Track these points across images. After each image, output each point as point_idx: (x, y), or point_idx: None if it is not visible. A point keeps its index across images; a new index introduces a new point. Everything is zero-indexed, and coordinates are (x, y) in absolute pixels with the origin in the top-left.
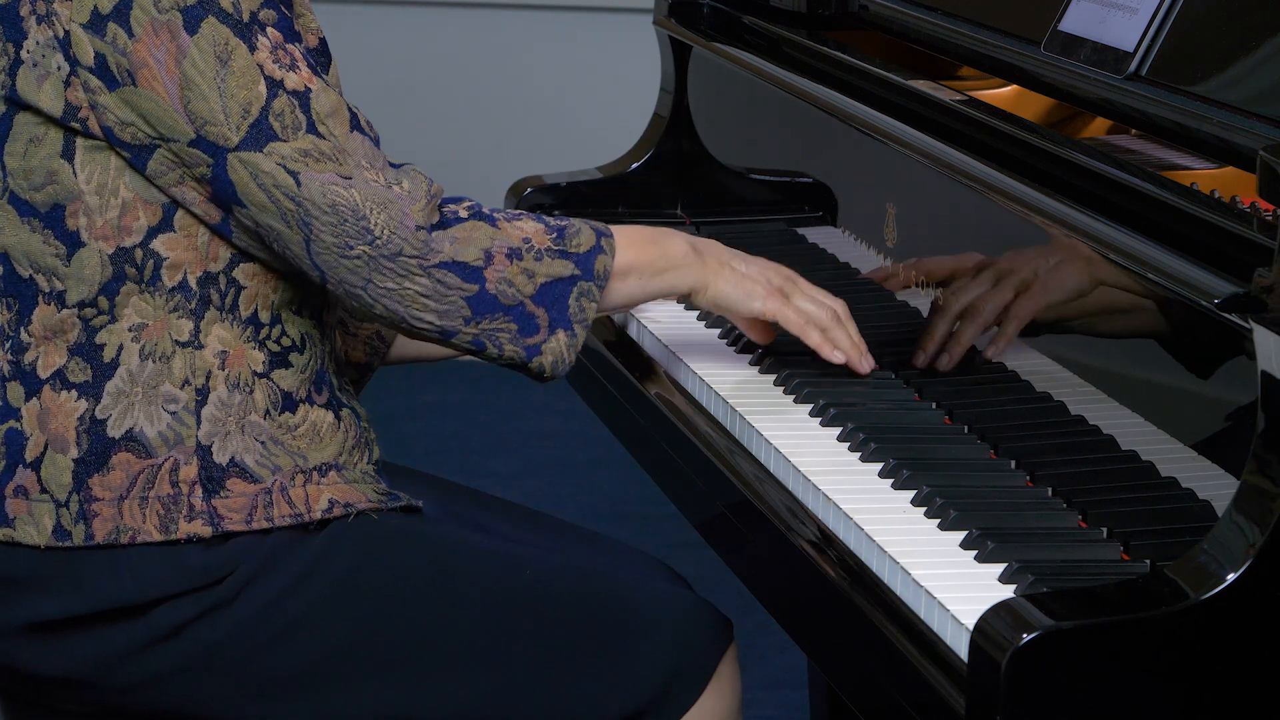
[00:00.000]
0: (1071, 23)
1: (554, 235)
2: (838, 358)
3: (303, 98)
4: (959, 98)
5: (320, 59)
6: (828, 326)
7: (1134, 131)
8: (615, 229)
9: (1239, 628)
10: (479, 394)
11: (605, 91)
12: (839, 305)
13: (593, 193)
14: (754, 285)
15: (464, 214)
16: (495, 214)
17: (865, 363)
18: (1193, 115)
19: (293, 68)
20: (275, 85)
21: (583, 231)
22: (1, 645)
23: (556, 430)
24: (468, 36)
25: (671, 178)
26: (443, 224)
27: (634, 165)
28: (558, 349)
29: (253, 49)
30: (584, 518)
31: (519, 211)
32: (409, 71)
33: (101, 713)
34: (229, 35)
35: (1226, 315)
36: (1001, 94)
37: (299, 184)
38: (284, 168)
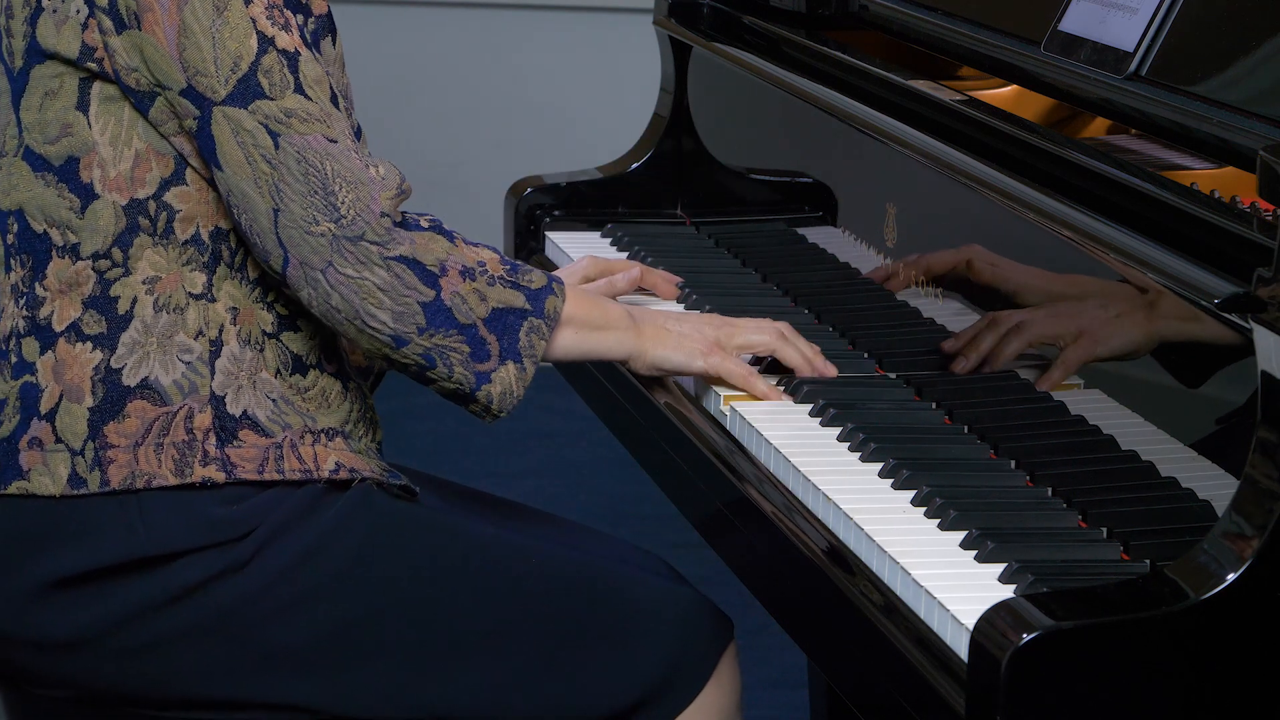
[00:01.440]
0: (1071, 23)
1: (508, 267)
2: (775, 394)
3: (292, 58)
4: (959, 98)
5: (329, 26)
6: (776, 348)
7: (1134, 131)
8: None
9: (1239, 628)
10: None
11: (605, 91)
12: (782, 326)
13: (593, 193)
14: (692, 344)
15: (424, 224)
16: (454, 234)
17: (826, 371)
18: (1193, 115)
19: (285, 29)
20: (266, 41)
21: (534, 272)
22: (12, 608)
23: (556, 430)
24: (468, 36)
25: (671, 178)
26: (404, 225)
27: (634, 165)
28: (507, 380)
29: (248, 2)
30: (584, 518)
31: (478, 242)
32: (409, 71)
33: (101, 695)
34: None
35: (1226, 315)
36: (1001, 94)
37: (277, 145)
38: (265, 127)
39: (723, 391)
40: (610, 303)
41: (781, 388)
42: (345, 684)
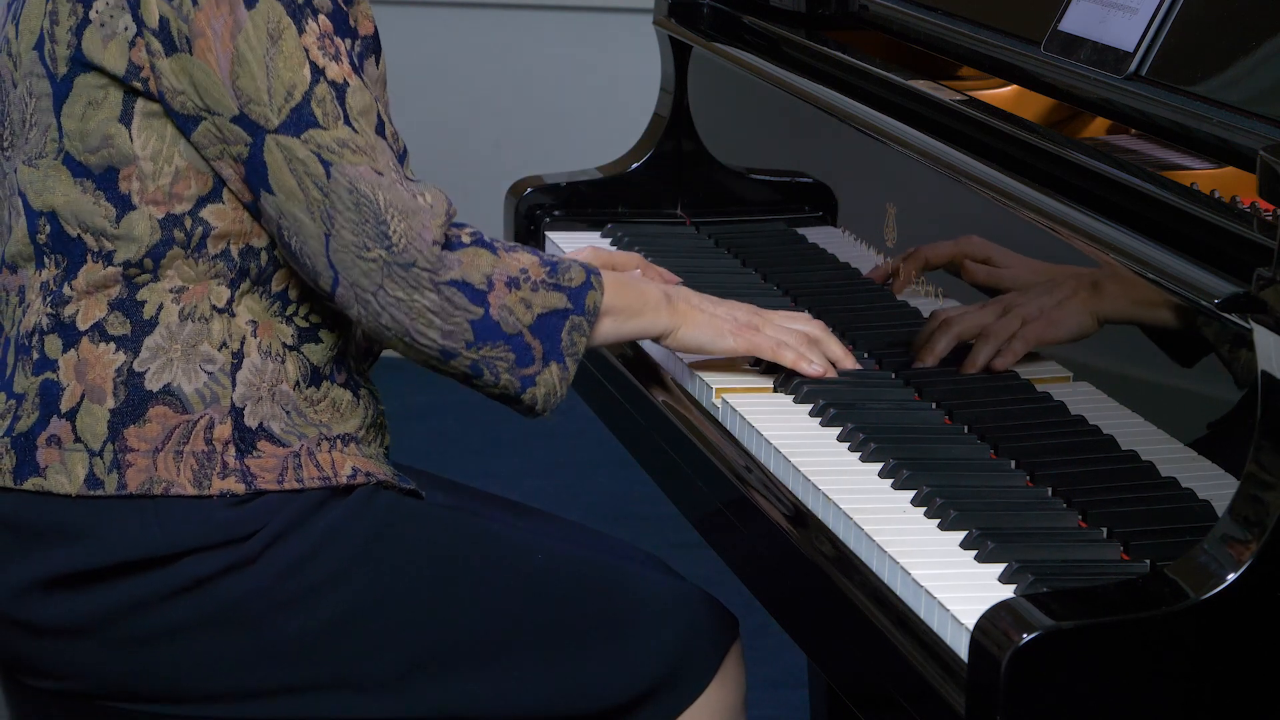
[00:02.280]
0: (1071, 23)
1: (548, 269)
2: (814, 370)
3: (340, 90)
4: (959, 98)
5: (374, 47)
6: (802, 351)
7: (1134, 131)
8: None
9: (1239, 628)
10: (479, 394)
11: (605, 91)
12: (815, 327)
13: (593, 193)
14: (722, 324)
15: (467, 239)
16: (495, 243)
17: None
18: (1193, 115)
19: (336, 59)
20: (318, 72)
21: (573, 268)
22: (20, 597)
23: (556, 430)
24: (468, 36)
25: (671, 178)
26: (448, 246)
27: (634, 165)
28: (550, 381)
29: (301, 31)
30: (584, 518)
31: (515, 244)
32: (409, 71)
33: (101, 689)
34: (282, 14)
35: (1226, 315)
36: (1001, 94)
37: (329, 175)
38: (318, 156)
39: (714, 383)
40: (646, 284)
41: (791, 375)
42: (350, 676)
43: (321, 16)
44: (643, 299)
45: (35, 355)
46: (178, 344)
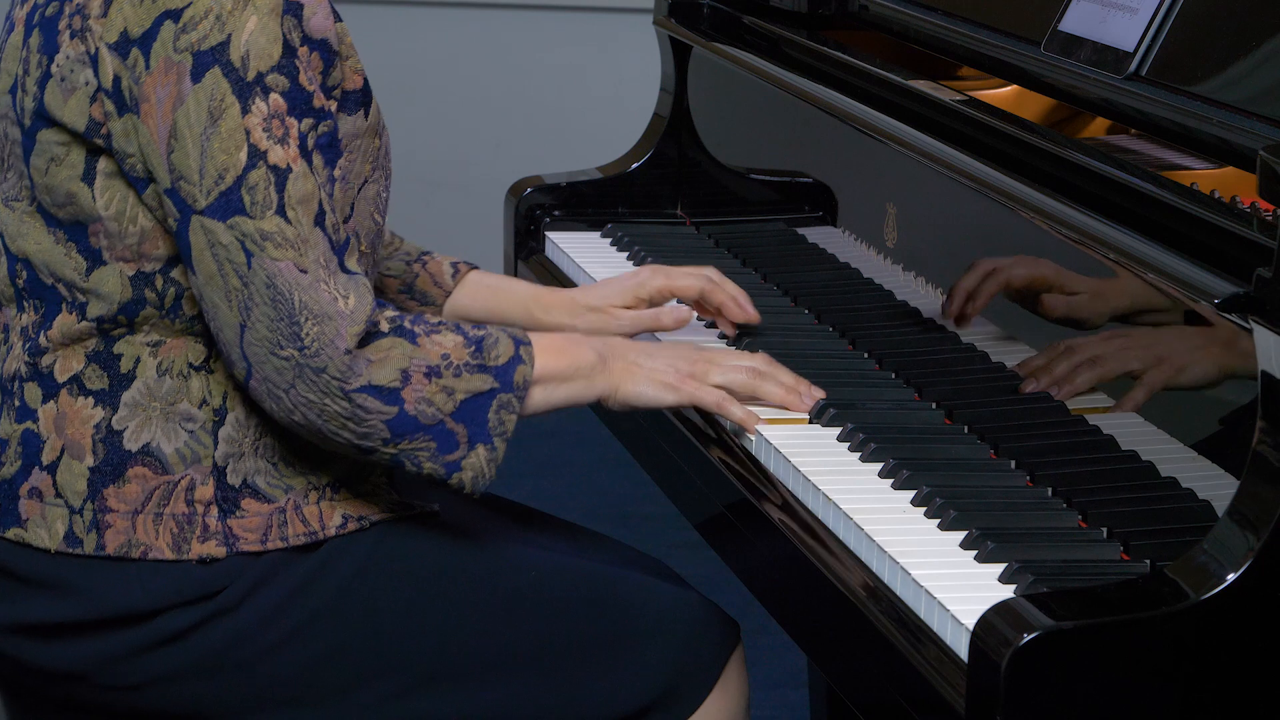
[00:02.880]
0: (1071, 23)
1: (472, 349)
2: (753, 426)
3: (281, 176)
4: (959, 98)
5: (363, 99)
6: (753, 387)
7: (1134, 131)
8: (531, 336)
9: (1239, 628)
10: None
11: (605, 91)
12: (759, 360)
13: (593, 193)
14: (664, 377)
15: (385, 327)
16: (415, 328)
17: (806, 401)
18: (1193, 115)
19: (282, 142)
20: (258, 155)
21: (500, 342)
22: (4, 641)
23: (556, 430)
24: (468, 36)
25: (671, 178)
26: (365, 339)
27: (634, 165)
28: (477, 464)
29: (245, 111)
30: (584, 518)
31: (439, 322)
32: (409, 71)
33: (104, 709)
34: (226, 91)
35: (1226, 315)
36: (1001, 94)
37: (249, 265)
38: (241, 245)
39: None
40: (578, 345)
41: (756, 411)
42: (345, 707)
43: (274, 95)
44: (574, 363)
45: (17, 402)
46: (157, 401)
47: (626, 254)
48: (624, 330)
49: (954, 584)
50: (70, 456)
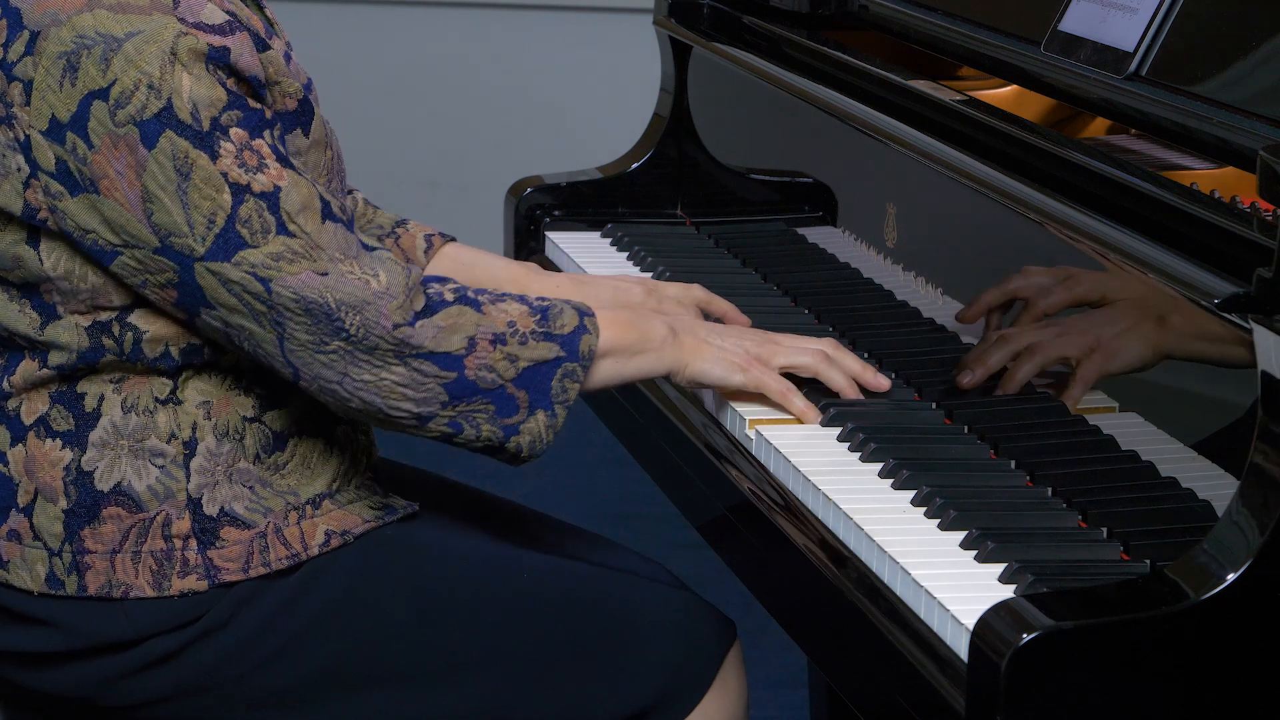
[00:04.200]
0: (1071, 23)
1: (538, 317)
2: (814, 418)
3: (271, 198)
4: (959, 98)
5: (301, 118)
6: (820, 371)
7: (1134, 131)
8: (596, 310)
9: (1239, 628)
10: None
11: (605, 91)
12: (826, 345)
13: (593, 193)
14: (733, 357)
15: (450, 296)
16: (480, 297)
17: (878, 383)
18: (1193, 115)
19: (260, 169)
20: (241, 191)
21: (565, 312)
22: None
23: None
24: (468, 36)
25: (671, 178)
26: (428, 309)
27: (634, 165)
28: (536, 429)
29: (215, 157)
30: (584, 518)
31: (502, 293)
32: (409, 71)
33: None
34: (188, 147)
35: (1226, 315)
36: (1001, 94)
37: (270, 291)
38: (254, 275)
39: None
40: (648, 319)
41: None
42: (347, 715)
43: (234, 130)
44: (644, 337)
45: None
46: (124, 439)
47: (626, 254)
48: None
49: (954, 584)
50: (44, 499)
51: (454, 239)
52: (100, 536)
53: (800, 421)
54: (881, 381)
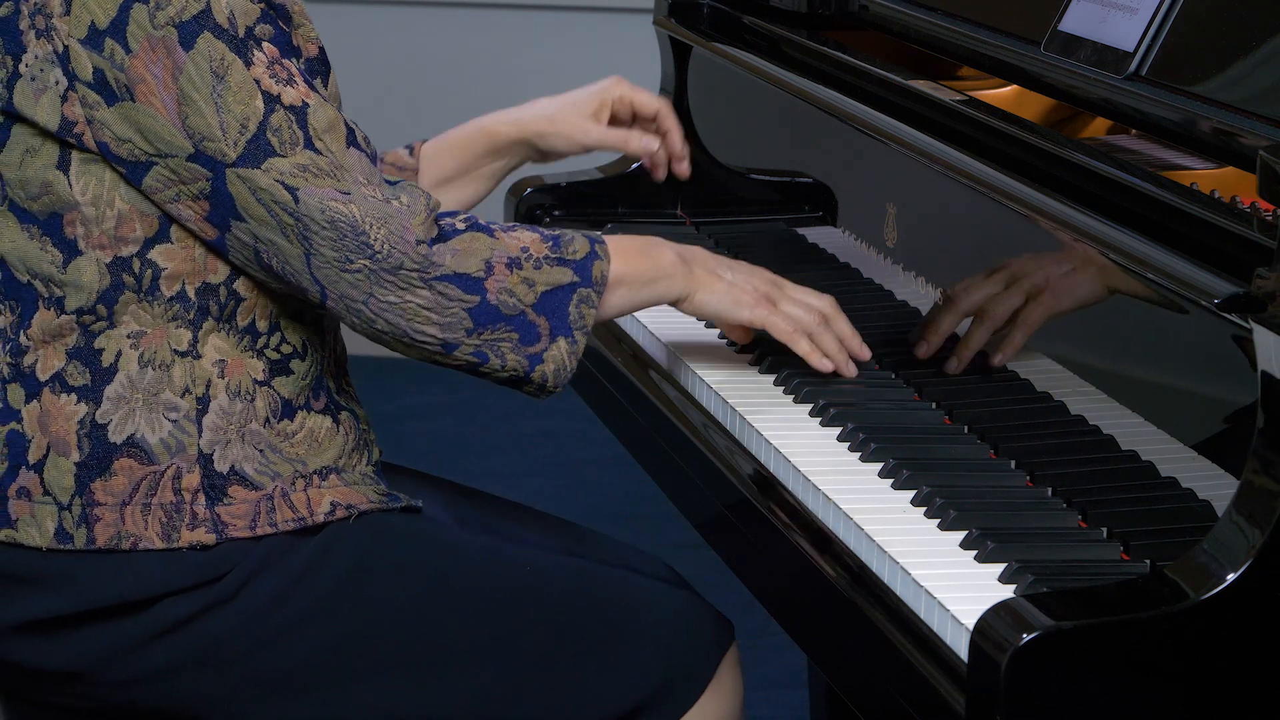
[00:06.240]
0: (1071, 23)
1: (550, 243)
2: (826, 366)
3: (300, 113)
4: (959, 98)
5: (320, 68)
6: (815, 332)
7: (1134, 131)
8: (608, 237)
9: (1239, 628)
10: (479, 394)
11: None
12: (826, 303)
13: (593, 193)
14: (741, 293)
15: (462, 225)
16: (492, 225)
17: (862, 353)
18: (1193, 115)
19: (290, 82)
20: (272, 100)
21: (576, 239)
22: (2, 642)
23: (556, 430)
24: (468, 36)
25: (671, 178)
26: (442, 237)
27: (634, 165)
28: (559, 356)
29: (249, 64)
30: (584, 518)
31: (513, 224)
32: (409, 71)
33: (102, 709)
34: (225, 51)
35: (1226, 315)
36: (1001, 94)
37: (297, 200)
38: (282, 183)
39: (723, 392)
40: (661, 247)
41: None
42: (342, 702)
43: (266, 44)
44: (656, 266)
45: (0, 405)
46: (139, 393)
47: None
48: (588, 145)
49: (954, 584)
50: (56, 454)
51: (423, 140)
52: (110, 489)
53: (807, 361)
54: (865, 351)
